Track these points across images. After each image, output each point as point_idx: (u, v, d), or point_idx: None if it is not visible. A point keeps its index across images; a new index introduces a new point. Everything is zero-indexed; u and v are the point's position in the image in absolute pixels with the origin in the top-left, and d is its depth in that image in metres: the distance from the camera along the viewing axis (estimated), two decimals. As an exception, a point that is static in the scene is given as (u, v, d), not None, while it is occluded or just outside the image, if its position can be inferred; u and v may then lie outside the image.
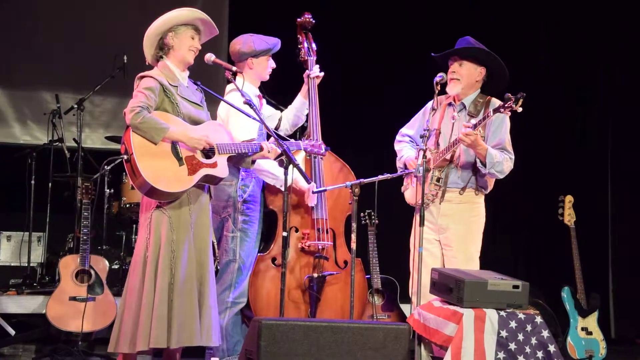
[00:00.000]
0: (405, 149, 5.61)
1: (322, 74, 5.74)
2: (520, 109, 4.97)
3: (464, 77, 5.41)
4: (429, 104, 5.57)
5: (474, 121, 5.23)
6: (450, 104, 5.50)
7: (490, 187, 5.50)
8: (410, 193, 5.53)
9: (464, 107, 5.46)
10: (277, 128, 5.70)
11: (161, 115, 4.71)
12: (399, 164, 5.62)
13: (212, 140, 4.78)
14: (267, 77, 5.62)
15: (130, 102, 4.67)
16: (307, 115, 5.74)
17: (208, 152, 4.81)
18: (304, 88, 5.75)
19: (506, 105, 4.99)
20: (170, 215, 4.73)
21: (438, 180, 5.35)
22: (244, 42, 5.55)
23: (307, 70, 5.74)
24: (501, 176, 5.36)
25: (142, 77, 4.82)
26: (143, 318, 4.63)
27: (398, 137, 5.73)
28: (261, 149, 4.99)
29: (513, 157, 5.38)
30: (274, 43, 5.57)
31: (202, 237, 4.85)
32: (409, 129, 5.70)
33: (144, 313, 4.63)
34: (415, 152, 5.50)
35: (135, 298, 4.69)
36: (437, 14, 8.74)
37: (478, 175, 5.40)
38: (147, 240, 4.73)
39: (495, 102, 5.40)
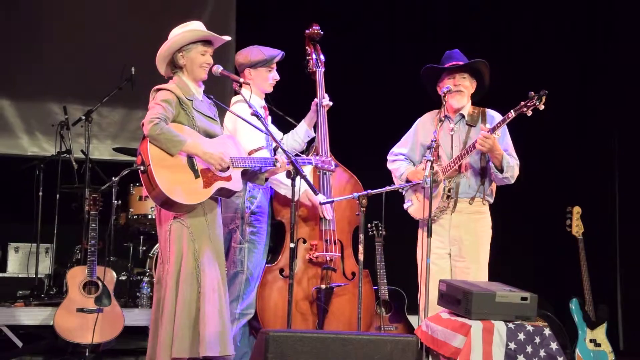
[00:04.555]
0: (402, 167, 5.63)
1: (332, 103, 5.72)
2: (542, 107, 5.00)
3: (467, 89, 5.50)
4: (418, 121, 5.67)
5: (489, 125, 5.27)
6: (443, 118, 5.51)
7: (494, 196, 5.53)
8: (415, 208, 5.53)
9: (462, 117, 5.51)
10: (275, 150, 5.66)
11: (177, 128, 4.72)
12: (399, 182, 5.61)
13: (227, 156, 4.79)
14: (269, 89, 5.58)
15: (148, 113, 4.68)
16: (316, 138, 5.72)
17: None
18: (310, 115, 5.72)
19: (529, 103, 5.01)
20: (190, 225, 4.74)
21: (449, 190, 5.36)
22: (242, 52, 5.56)
23: (315, 99, 5.72)
24: (512, 181, 5.41)
25: (159, 89, 4.82)
26: (164, 329, 4.64)
27: (391, 157, 5.74)
28: (275, 162, 4.99)
29: (518, 162, 5.43)
30: (272, 54, 5.51)
31: (218, 248, 4.87)
32: (402, 148, 5.72)
33: (165, 324, 4.64)
34: (413, 167, 5.57)
35: (158, 312, 4.71)
36: (439, 20, 8.79)
37: (486, 184, 5.43)
38: (167, 253, 4.74)
39: (491, 112, 5.52)
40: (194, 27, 4.91)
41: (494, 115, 5.50)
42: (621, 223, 8.37)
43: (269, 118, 5.70)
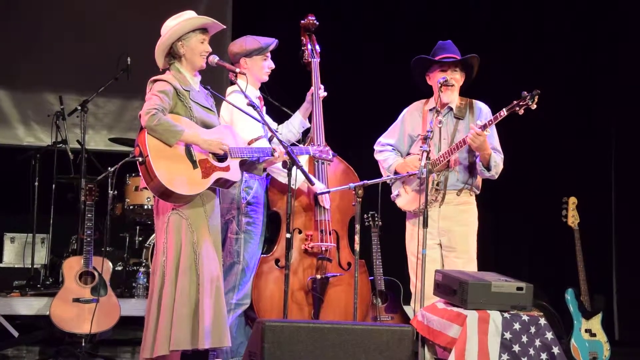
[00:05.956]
0: (390, 158, 5.65)
1: (326, 94, 5.72)
2: (534, 106, 5.02)
3: (458, 83, 5.52)
4: (405, 112, 5.69)
5: (479, 121, 5.28)
6: (431, 109, 5.52)
7: (480, 188, 5.57)
8: (404, 200, 5.56)
9: (450, 110, 5.53)
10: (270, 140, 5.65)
11: (175, 119, 4.71)
12: (387, 173, 5.62)
13: (226, 145, 4.78)
14: (265, 78, 5.59)
15: (145, 105, 4.66)
16: (311, 128, 5.72)
17: (221, 156, 4.81)
18: (305, 105, 5.73)
19: (522, 103, 5.04)
20: (188, 216, 4.72)
21: (438, 184, 5.39)
22: (237, 42, 5.56)
23: (311, 89, 5.72)
24: (496, 177, 5.48)
25: (155, 80, 4.80)
26: (163, 321, 4.62)
27: (378, 148, 5.75)
28: (273, 151, 4.98)
29: (503, 156, 5.48)
30: (267, 42, 5.52)
31: (216, 239, 4.87)
32: (389, 138, 5.72)
33: (164, 316, 4.62)
34: (401, 159, 5.60)
35: (155, 302, 4.68)
36: (437, 13, 8.79)
37: (474, 177, 5.48)
38: (165, 244, 4.72)
39: (479, 104, 5.55)
40: (189, 16, 4.89)
41: (482, 107, 5.54)
42: (617, 213, 8.38)
43: (264, 108, 5.69)
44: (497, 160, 5.38)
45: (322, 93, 5.70)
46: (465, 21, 8.70)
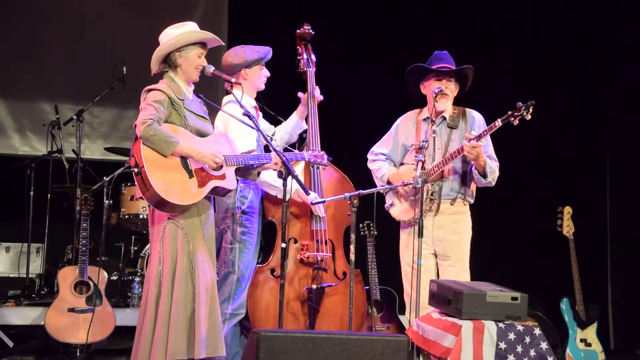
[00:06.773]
0: (384, 167, 5.66)
1: (322, 97, 5.74)
2: (529, 117, 5.05)
3: (452, 93, 5.55)
4: (399, 122, 5.72)
5: (474, 132, 5.29)
6: (425, 119, 5.54)
7: (474, 197, 5.59)
8: (398, 209, 5.57)
9: (444, 119, 5.55)
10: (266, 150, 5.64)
11: (172, 129, 4.71)
12: (381, 183, 5.63)
13: (220, 155, 4.78)
14: (263, 87, 5.62)
15: (141, 115, 4.65)
16: (307, 134, 5.74)
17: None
18: (300, 108, 5.75)
19: (516, 113, 5.06)
20: (184, 226, 4.72)
21: (432, 194, 5.40)
22: (235, 53, 5.56)
23: (305, 93, 5.74)
24: (493, 184, 5.49)
25: (150, 90, 4.80)
26: (160, 331, 4.61)
27: (371, 157, 5.77)
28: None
29: (498, 163, 5.52)
30: (265, 52, 5.56)
31: (212, 248, 4.87)
32: (383, 148, 5.75)
33: (160, 326, 4.61)
34: (395, 168, 5.62)
35: (151, 313, 4.67)
36: (437, 14, 8.81)
37: (467, 186, 5.49)
38: (161, 254, 4.71)
39: (473, 112, 5.58)
40: (192, 29, 4.90)
41: (475, 116, 5.57)
42: (611, 223, 8.39)
43: (260, 117, 5.70)
44: (493, 167, 5.40)
45: (319, 96, 5.71)
46: (465, 21, 8.71)
